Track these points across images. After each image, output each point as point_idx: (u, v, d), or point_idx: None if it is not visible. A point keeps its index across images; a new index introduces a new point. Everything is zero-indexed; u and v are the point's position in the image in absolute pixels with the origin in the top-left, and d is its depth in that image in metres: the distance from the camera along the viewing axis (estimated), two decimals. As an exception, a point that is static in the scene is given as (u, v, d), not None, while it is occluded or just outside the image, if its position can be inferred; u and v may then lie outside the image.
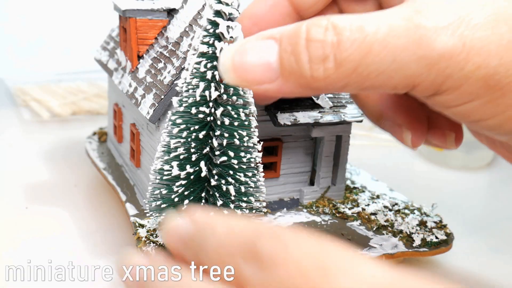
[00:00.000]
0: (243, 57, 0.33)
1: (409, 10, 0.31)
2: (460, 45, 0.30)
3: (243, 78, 0.33)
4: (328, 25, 0.31)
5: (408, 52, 0.30)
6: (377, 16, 0.31)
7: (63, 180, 0.61)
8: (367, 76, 0.31)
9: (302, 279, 0.24)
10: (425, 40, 0.30)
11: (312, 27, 0.31)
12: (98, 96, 0.84)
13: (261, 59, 0.32)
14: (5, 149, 0.69)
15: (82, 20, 0.96)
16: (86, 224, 0.53)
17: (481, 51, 0.30)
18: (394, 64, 0.31)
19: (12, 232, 0.51)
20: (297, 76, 0.32)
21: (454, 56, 0.30)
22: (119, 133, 0.56)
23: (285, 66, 0.32)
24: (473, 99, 0.32)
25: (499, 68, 0.31)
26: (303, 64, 0.32)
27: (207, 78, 0.39)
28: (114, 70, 0.54)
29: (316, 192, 0.52)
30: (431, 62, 0.30)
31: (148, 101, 0.45)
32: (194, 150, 0.40)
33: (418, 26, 0.30)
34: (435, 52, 0.30)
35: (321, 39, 0.31)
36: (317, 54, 0.31)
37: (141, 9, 0.49)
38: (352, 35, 0.31)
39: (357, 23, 0.31)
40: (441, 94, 0.32)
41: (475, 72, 0.31)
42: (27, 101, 0.81)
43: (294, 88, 0.33)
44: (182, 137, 0.40)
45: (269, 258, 0.25)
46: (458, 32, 0.30)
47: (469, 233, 0.55)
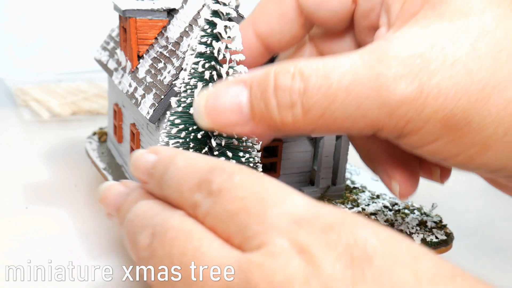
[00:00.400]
0: (215, 102, 0.34)
1: (372, 57, 0.33)
2: (418, 91, 0.32)
3: (216, 122, 0.35)
4: (295, 72, 0.33)
5: (370, 100, 0.32)
6: (342, 64, 0.33)
7: (63, 180, 0.61)
8: (334, 121, 0.33)
9: (241, 205, 0.28)
10: (385, 88, 0.32)
11: (279, 74, 0.33)
12: (98, 96, 0.84)
13: (232, 104, 0.34)
14: (5, 149, 0.69)
15: (82, 20, 0.96)
16: (86, 224, 0.53)
17: (438, 95, 0.32)
18: (358, 110, 0.33)
19: (12, 232, 0.51)
20: (267, 121, 0.34)
21: (413, 102, 0.32)
22: (119, 133, 0.56)
23: (255, 111, 0.34)
24: (436, 139, 0.34)
25: (456, 110, 0.32)
26: (272, 110, 0.33)
27: (205, 78, 0.39)
28: (114, 70, 0.54)
29: (316, 192, 0.52)
30: (392, 108, 0.32)
31: (148, 101, 0.45)
32: (193, 150, 0.40)
33: (379, 75, 0.32)
34: (395, 99, 0.32)
35: (288, 86, 0.33)
36: (285, 101, 0.33)
37: (141, 9, 0.49)
38: (318, 82, 0.32)
39: (323, 70, 0.32)
40: (405, 136, 0.34)
41: (434, 115, 0.32)
42: (27, 101, 0.81)
43: (265, 131, 0.35)
44: (181, 137, 0.40)
45: (217, 188, 0.29)
46: (416, 78, 0.32)
47: (469, 233, 0.55)
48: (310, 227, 0.27)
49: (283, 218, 0.28)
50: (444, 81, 0.32)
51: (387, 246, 0.26)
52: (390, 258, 0.26)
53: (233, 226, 0.28)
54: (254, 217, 0.28)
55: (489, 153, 0.34)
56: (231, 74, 0.40)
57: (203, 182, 0.30)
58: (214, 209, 0.29)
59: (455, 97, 0.32)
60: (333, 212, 0.28)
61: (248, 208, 0.28)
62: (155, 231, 0.30)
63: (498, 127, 0.33)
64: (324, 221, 0.27)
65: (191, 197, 0.30)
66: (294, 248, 0.26)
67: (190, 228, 0.29)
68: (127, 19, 0.49)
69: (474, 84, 0.32)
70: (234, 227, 0.28)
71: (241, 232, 0.28)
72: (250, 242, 0.28)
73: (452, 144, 0.34)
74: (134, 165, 0.35)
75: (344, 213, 0.28)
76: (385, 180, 0.41)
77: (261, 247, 0.27)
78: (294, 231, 0.27)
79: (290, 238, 0.27)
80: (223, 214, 0.29)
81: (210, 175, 0.30)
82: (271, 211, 0.28)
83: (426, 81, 0.32)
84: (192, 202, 0.30)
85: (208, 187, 0.30)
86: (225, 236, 0.29)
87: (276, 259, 0.26)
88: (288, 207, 0.28)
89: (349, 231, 0.26)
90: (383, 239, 0.26)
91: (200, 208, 0.30)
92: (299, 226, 0.27)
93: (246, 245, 0.28)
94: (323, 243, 0.26)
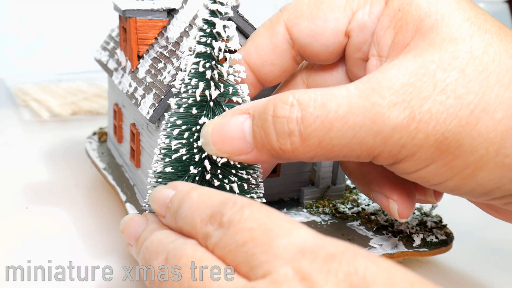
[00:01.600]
0: (221, 131, 0.36)
1: (367, 88, 0.34)
2: (411, 118, 0.34)
3: (222, 150, 0.37)
4: (294, 102, 0.34)
5: (365, 128, 0.34)
6: (339, 94, 0.34)
7: (63, 180, 0.61)
8: (332, 149, 0.34)
9: (249, 236, 0.30)
10: (380, 117, 0.34)
11: (278, 103, 0.35)
12: (98, 96, 0.84)
13: (237, 133, 0.36)
14: (5, 149, 0.69)
15: (82, 20, 0.96)
16: (86, 224, 0.53)
17: (429, 120, 0.34)
18: (355, 138, 0.34)
19: (12, 232, 0.51)
20: (268, 148, 0.35)
21: (406, 128, 0.34)
22: (119, 133, 0.56)
23: (257, 139, 0.36)
24: (429, 164, 0.35)
25: (447, 134, 0.34)
26: (271, 138, 0.35)
27: (206, 78, 0.39)
28: (114, 70, 0.54)
29: (316, 192, 0.52)
30: (386, 136, 0.34)
31: (148, 101, 0.45)
32: (197, 150, 0.40)
33: (374, 104, 0.34)
34: (389, 126, 0.34)
35: (287, 115, 0.34)
36: (283, 130, 0.35)
37: (141, 9, 0.49)
38: (315, 112, 0.34)
39: (321, 100, 0.34)
40: (400, 162, 0.35)
41: (426, 140, 0.34)
42: (27, 101, 0.81)
43: (268, 158, 0.36)
44: (184, 138, 0.40)
45: (227, 220, 0.31)
46: (408, 106, 0.34)
47: (469, 233, 0.55)
48: (313, 257, 0.28)
49: (288, 248, 0.29)
50: (435, 106, 0.34)
51: (385, 275, 0.27)
52: (387, 286, 0.27)
53: (241, 256, 0.30)
54: (261, 247, 0.29)
55: (481, 173, 0.35)
56: (231, 73, 0.40)
57: (215, 214, 0.32)
58: (223, 239, 0.31)
59: (446, 121, 0.34)
60: (336, 243, 0.29)
61: (255, 238, 0.30)
62: (168, 257, 0.32)
63: (489, 147, 0.34)
64: (326, 251, 0.28)
65: (203, 228, 0.32)
66: (297, 276, 0.28)
67: (200, 256, 0.31)
68: (127, 19, 0.49)
69: (464, 107, 0.34)
70: (241, 256, 0.30)
71: (248, 261, 0.29)
72: (256, 271, 0.29)
73: (446, 167, 0.35)
74: (153, 199, 0.37)
75: (346, 245, 0.29)
76: (382, 202, 0.42)
77: (266, 275, 0.28)
78: (298, 260, 0.28)
79: (293, 266, 0.28)
80: (231, 244, 0.30)
81: (222, 207, 0.32)
82: (277, 241, 0.29)
83: (417, 108, 0.34)
84: (204, 233, 0.32)
85: (220, 219, 0.31)
86: (234, 265, 0.30)
87: (280, 287, 0.27)
88: (293, 238, 0.29)
89: (350, 261, 0.28)
90: (382, 268, 0.27)
91: (211, 239, 0.31)
92: (302, 255, 0.28)
93: (252, 274, 0.29)
94: (324, 271, 0.28)
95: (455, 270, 0.50)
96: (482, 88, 0.34)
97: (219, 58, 0.39)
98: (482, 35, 0.35)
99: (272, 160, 0.36)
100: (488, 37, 0.36)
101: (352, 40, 0.40)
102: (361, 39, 0.40)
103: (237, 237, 0.30)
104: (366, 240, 0.47)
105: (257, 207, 0.31)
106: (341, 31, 0.40)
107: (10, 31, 0.94)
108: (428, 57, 0.35)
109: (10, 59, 0.93)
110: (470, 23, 0.36)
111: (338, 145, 0.34)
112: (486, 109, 0.34)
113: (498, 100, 0.34)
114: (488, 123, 0.34)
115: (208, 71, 0.39)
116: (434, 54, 0.35)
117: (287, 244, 0.29)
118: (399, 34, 0.37)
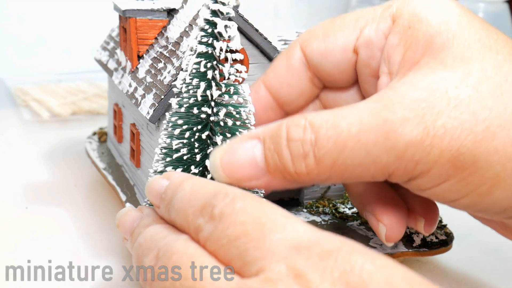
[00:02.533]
0: (230, 157, 0.36)
1: (378, 105, 0.34)
2: (425, 133, 0.33)
3: (232, 177, 0.36)
4: (306, 124, 0.34)
5: (379, 145, 0.33)
6: (350, 113, 0.34)
7: (63, 180, 0.61)
8: (346, 169, 0.34)
9: (241, 230, 0.29)
10: (392, 133, 0.33)
11: (291, 126, 0.35)
12: (98, 96, 0.84)
13: (247, 158, 0.35)
14: (5, 149, 0.69)
15: (82, 20, 0.96)
16: (86, 224, 0.53)
17: (443, 136, 0.33)
18: (368, 157, 0.34)
19: (12, 232, 0.51)
20: (282, 172, 0.35)
21: (420, 144, 0.33)
22: (119, 133, 0.56)
23: (270, 163, 0.35)
24: (445, 180, 0.34)
25: (463, 149, 0.33)
26: (286, 161, 0.34)
27: (208, 78, 0.39)
28: (114, 70, 0.54)
29: (316, 192, 0.52)
30: (400, 152, 0.33)
31: (148, 101, 0.45)
32: (198, 150, 0.40)
33: (386, 121, 0.33)
34: (402, 142, 0.33)
35: (300, 138, 0.34)
36: (298, 152, 0.34)
37: (141, 9, 0.49)
38: (328, 133, 0.34)
39: (332, 120, 0.34)
40: (415, 178, 0.35)
41: (441, 156, 0.33)
42: (27, 101, 0.81)
43: (280, 183, 0.36)
44: (185, 138, 0.40)
45: (218, 213, 0.30)
46: (422, 121, 0.33)
47: (469, 233, 0.55)
48: (308, 253, 0.28)
49: (282, 244, 0.28)
50: (449, 122, 0.33)
51: (383, 273, 0.27)
52: (385, 285, 0.26)
53: (233, 251, 0.29)
54: (254, 242, 0.29)
55: (498, 191, 0.34)
56: (233, 74, 0.40)
57: (206, 206, 0.31)
58: (215, 233, 0.30)
59: (460, 136, 0.33)
60: (332, 239, 0.28)
61: (248, 233, 0.29)
62: (159, 254, 0.32)
63: (505, 164, 0.34)
64: (322, 248, 0.28)
65: (194, 221, 0.31)
66: (291, 274, 0.27)
67: (192, 253, 0.30)
68: (127, 19, 0.49)
69: (479, 123, 0.33)
70: (234, 252, 0.29)
71: (241, 257, 0.29)
72: (249, 267, 0.28)
73: (462, 183, 0.34)
74: (148, 189, 0.36)
75: (342, 240, 0.28)
76: (372, 223, 0.42)
77: (260, 273, 0.28)
78: (292, 257, 0.28)
79: (287, 264, 0.27)
80: (223, 238, 0.30)
81: (214, 199, 0.31)
82: (271, 236, 0.29)
83: (431, 123, 0.33)
84: (195, 226, 0.31)
85: (211, 212, 0.31)
86: (226, 260, 0.30)
87: (273, 285, 0.27)
88: (287, 233, 0.29)
89: (346, 258, 0.27)
90: (380, 266, 0.27)
91: (202, 232, 0.31)
92: (297, 252, 0.28)
93: (245, 271, 0.29)
94: (319, 269, 0.27)
95: (455, 270, 0.50)
96: (497, 105, 0.34)
97: (220, 58, 0.40)
98: (494, 56, 0.35)
99: (285, 184, 0.36)
100: (500, 58, 0.35)
101: (360, 56, 0.40)
102: (368, 55, 0.40)
103: (228, 231, 0.30)
104: (366, 240, 0.47)
105: (250, 199, 0.31)
106: (350, 48, 0.40)
107: (10, 31, 0.94)
108: (439, 74, 0.35)
109: (10, 59, 0.93)
110: (481, 45, 0.36)
111: (351, 165, 0.34)
112: (502, 125, 0.33)
113: None
114: (505, 139, 0.33)
115: (209, 71, 0.39)
116: (446, 72, 0.35)
117: (281, 239, 0.28)
118: (409, 51, 0.37)
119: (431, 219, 0.42)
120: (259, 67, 0.46)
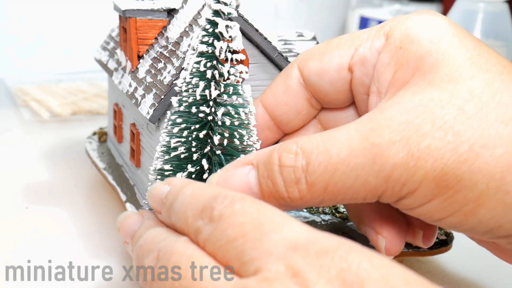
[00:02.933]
0: (226, 183, 0.36)
1: (366, 128, 0.35)
2: (410, 155, 0.34)
3: None
4: (297, 150, 0.35)
5: (367, 169, 0.34)
6: (339, 137, 0.35)
7: (63, 180, 0.61)
8: (338, 192, 0.35)
9: (239, 231, 0.30)
10: (379, 157, 0.34)
11: (283, 153, 0.35)
12: (98, 96, 0.84)
13: (242, 184, 0.36)
14: (5, 149, 0.69)
15: (82, 20, 0.96)
16: (86, 224, 0.53)
17: (428, 157, 0.34)
18: (358, 180, 0.34)
19: (12, 232, 0.51)
20: (276, 197, 0.36)
21: (405, 165, 0.34)
22: (119, 133, 0.56)
23: (264, 189, 0.36)
24: (430, 200, 0.35)
25: (447, 169, 0.34)
26: (279, 188, 0.35)
27: (207, 77, 0.40)
28: (114, 70, 0.54)
29: (316, 192, 0.52)
30: (387, 174, 0.34)
31: (148, 101, 0.45)
32: (195, 149, 0.40)
33: (373, 145, 0.34)
34: (389, 165, 0.34)
35: (292, 164, 0.35)
36: (290, 178, 0.35)
37: (141, 9, 0.49)
38: (318, 158, 0.34)
39: (323, 145, 0.35)
40: (403, 199, 0.35)
41: (425, 176, 0.34)
42: (27, 101, 0.81)
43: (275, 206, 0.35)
44: (183, 136, 0.40)
45: (218, 215, 0.31)
46: (407, 143, 0.34)
47: (469, 233, 0.55)
48: (306, 252, 0.28)
49: (280, 244, 0.29)
50: (433, 143, 0.34)
51: (380, 272, 0.27)
52: (382, 283, 0.26)
53: (232, 252, 0.30)
54: (252, 242, 0.29)
55: (482, 210, 0.35)
56: (233, 74, 0.40)
57: (206, 209, 0.32)
58: (214, 234, 0.31)
59: (444, 157, 0.34)
60: (330, 238, 0.29)
61: (246, 234, 0.29)
62: (159, 255, 0.32)
63: (489, 183, 0.34)
64: (319, 247, 0.28)
65: (194, 223, 0.32)
66: (288, 272, 0.27)
67: (192, 253, 0.31)
68: (127, 19, 0.49)
69: (463, 144, 0.34)
70: (232, 252, 0.30)
71: (239, 257, 0.29)
72: (247, 267, 0.29)
73: (447, 202, 0.35)
74: (150, 195, 0.37)
75: (340, 240, 0.29)
76: (372, 236, 0.42)
77: (257, 272, 0.28)
78: (290, 256, 0.28)
79: (285, 263, 0.28)
80: (222, 239, 0.30)
81: (213, 202, 0.32)
82: (269, 237, 0.29)
83: (416, 145, 0.34)
84: (195, 228, 0.32)
85: (210, 214, 0.31)
86: (224, 261, 0.30)
87: (271, 284, 0.27)
88: (285, 233, 0.29)
89: (343, 256, 0.27)
90: (377, 265, 0.27)
91: (201, 234, 0.31)
92: (294, 251, 0.28)
93: (243, 271, 0.29)
94: (316, 267, 0.27)
95: (455, 270, 0.50)
96: (482, 125, 0.34)
97: (221, 58, 0.40)
98: (483, 75, 0.35)
99: (280, 208, 0.36)
100: (488, 77, 0.36)
101: (355, 74, 0.41)
102: (363, 73, 0.40)
103: (227, 232, 0.30)
104: (366, 240, 0.47)
105: (249, 201, 0.31)
106: (345, 66, 0.41)
107: (10, 31, 0.94)
108: (427, 95, 0.35)
109: (10, 59, 0.93)
110: (471, 63, 0.36)
111: (343, 188, 0.35)
112: (485, 145, 0.34)
113: (498, 137, 0.34)
114: (488, 159, 0.34)
115: (209, 70, 0.39)
116: (433, 93, 0.35)
117: (279, 239, 0.29)
118: (399, 71, 0.37)
119: (430, 232, 0.42)
120: (259, 67, 0.46)
